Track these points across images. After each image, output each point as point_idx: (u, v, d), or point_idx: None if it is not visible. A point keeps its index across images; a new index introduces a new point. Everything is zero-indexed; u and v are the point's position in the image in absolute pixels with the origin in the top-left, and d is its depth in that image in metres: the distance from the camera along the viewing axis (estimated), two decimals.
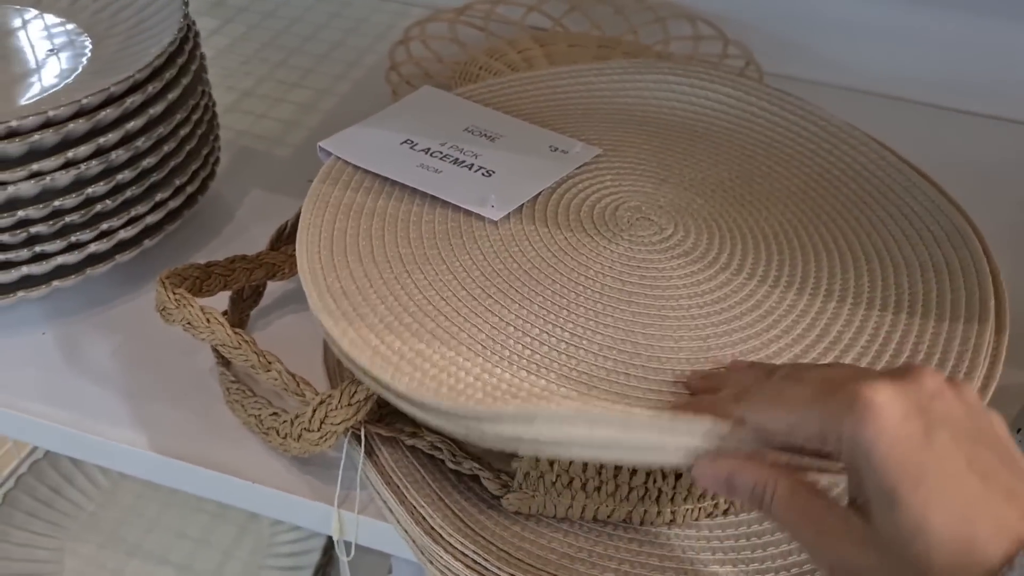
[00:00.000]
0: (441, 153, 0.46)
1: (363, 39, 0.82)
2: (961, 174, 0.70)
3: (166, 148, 0.53)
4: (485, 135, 0.48)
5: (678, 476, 0.40)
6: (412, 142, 0.47)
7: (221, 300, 0.51)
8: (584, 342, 0.39)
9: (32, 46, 0.57)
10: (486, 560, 0.39)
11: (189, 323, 0.43)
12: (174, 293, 0.43)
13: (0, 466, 0.86)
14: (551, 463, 0.40)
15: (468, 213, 0.45)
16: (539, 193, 0.46)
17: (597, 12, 0.83)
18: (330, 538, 0.45)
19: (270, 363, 0.42)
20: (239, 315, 0.51)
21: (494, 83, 0.54)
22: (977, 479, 0.29)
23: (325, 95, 0.74)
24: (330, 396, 0.41)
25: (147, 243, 0.54)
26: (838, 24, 0.78)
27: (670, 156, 0.50)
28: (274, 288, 0.54)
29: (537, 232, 0.44)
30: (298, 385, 0.42)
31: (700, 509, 0.42)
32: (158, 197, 0.53)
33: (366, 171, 0.46)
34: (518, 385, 0.36)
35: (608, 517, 0.41)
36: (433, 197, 0.45)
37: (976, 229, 0.46)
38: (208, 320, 0.42)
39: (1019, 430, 0.45)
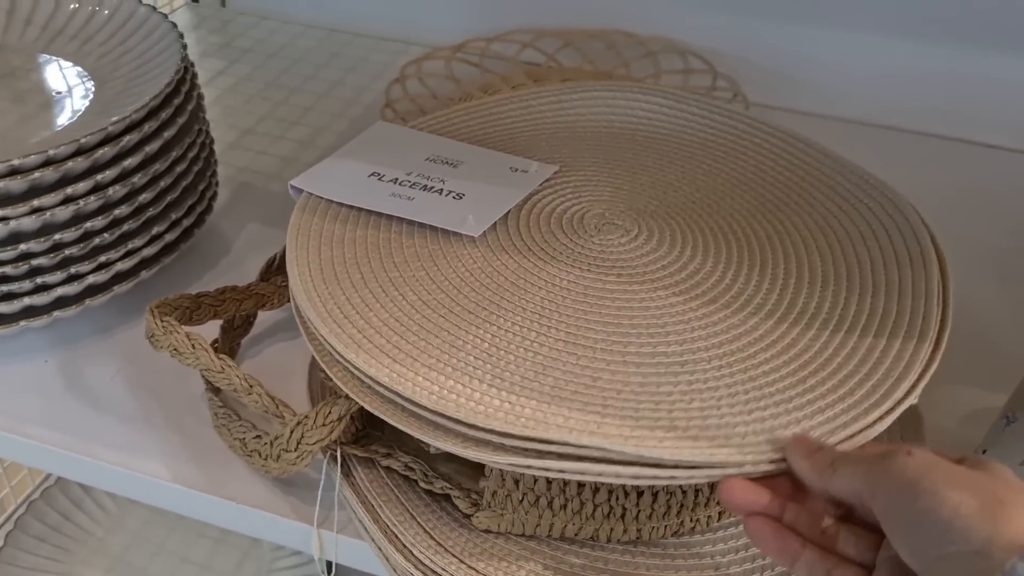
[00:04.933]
0: (410, 182, 0.49)
1: (362, 78, 0.85)
2: (947, 199, 0.72)
3: (162, 184, 0.55)
4: (447, 162, 0.50)
5: (640, 494, 0.41)
6: (379, 174, 0.49)
7: (213, 329, 0.53)
8: (578, 347, 0.41)
9: (43, 89, 0.61)
10: None
11: (175, 349, 0.45)
12: (162, 321, 0.46)
13: (16, 493, 0.88)
14: (516, 481, 0.41)
15: (447, 234, 0.47)
16: (508, 211, 0.48)
17: (590, 47, 0.85)
18: (330, 562, 0.47)
19: (251, 386, 0.44)
20: (230, 343, 0.54)
21: (441, 114, 0.56)
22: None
23: (323, 132, 0.77)
24: (306, 417, 0.42)
25: (144, 274, 0.56)
26: (823, 56, 0.80)
27: (619, 165, 0.53)
28: (265, 317, 0.57)
29: (514, 245, 0.46)
30: (277, 407, 0.44)
31: (665, 527, 0.43)
32: (154, 231, 0.55)
33: (341, 204, 0.48)
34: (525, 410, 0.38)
35: (575, 535, 0.43)
36: (410, 222, 0.47)
37: (925, 223, 0.48)
38: (193, 346, 0.45)
39: (984, 451, 0.46)
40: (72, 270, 0.52)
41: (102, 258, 0.53)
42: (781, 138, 0.55)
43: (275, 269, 0.55)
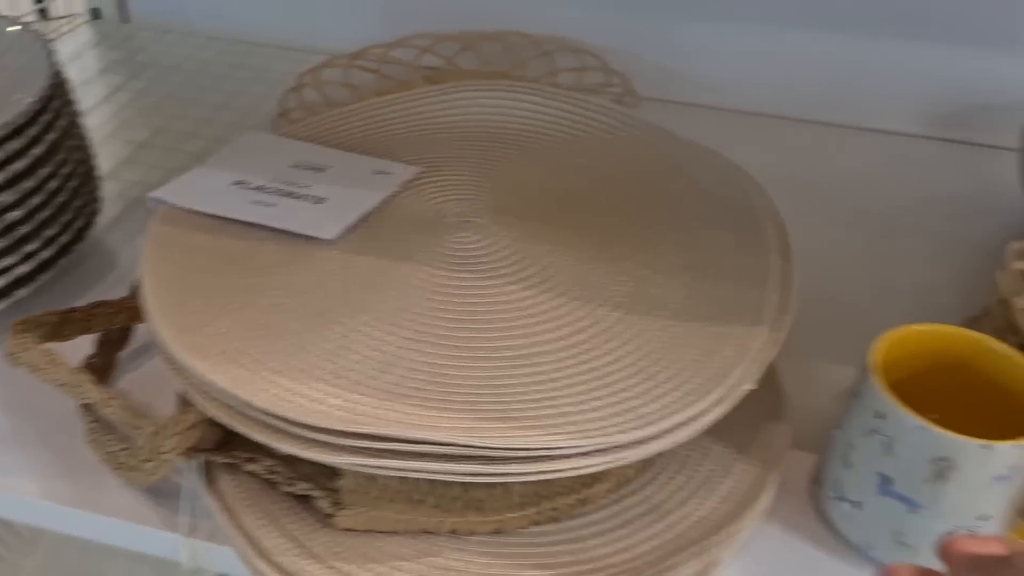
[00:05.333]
0: (273, 188, 0.49)
1: (263, 87, 0.85)
2: (831, 183, 0.74)
3: (34, 201, 0.55)
4: (313, 168, 0.51)
5: (493, 486, 0.42)
6: (243, 182, 0.50)
7: (87, 345, 0.53)
8: (425, 344, 0.42)
9: None
10: None
11: (32, 366, 0.45)
12: (19, 337, 0.46)
13: None
14: (371, 479, 0.42)
15: (305, 239, 0.47)
16: (369, 214, 0.49)
17: (488, 49, 0.86)
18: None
19: (110, 399, 0.44)
20: (106, 358, 0.54)
21: (314, 120, 0.57)
22: None
23: (219, 144, 0.76)
24: (162, 426, 0.43)
25: (20, 293, 0.56)
26: (711, 48, 0.82)
27: (485, 164, 0.54)
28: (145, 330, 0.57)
29: (370, 246, 0.47)
30: (134, 418, 0.44)
31: (525, 517, 0.44)
32: (27, 249, 0.55)
33: (203, 214, 0.49)
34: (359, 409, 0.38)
35: (436, 529, 0.43)
36: (271, 229, 0.48)
37: (775, 211, 0.50)
38: (49, 363, 0.45)
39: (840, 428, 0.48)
40: None
41: None
42: (648, 132, 0.56)
43: None
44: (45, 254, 0.56)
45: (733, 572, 0.46)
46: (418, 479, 0.42)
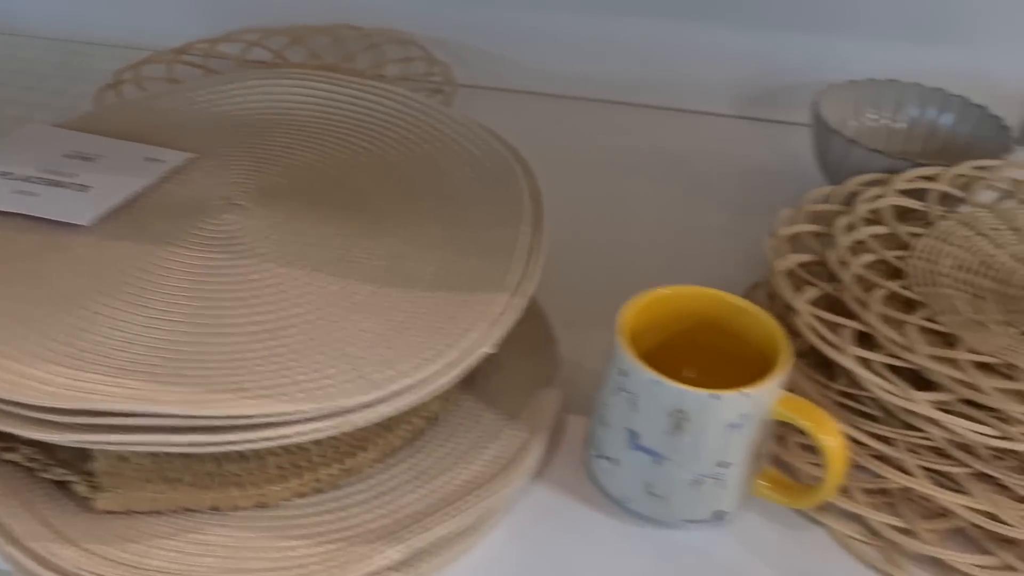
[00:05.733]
0: (39, 178, 0.49)
1: (85, 86, 0.83)
2: (641, 161, 0.77)
3: None
4: (83, 157, 0.51)
5: (245, 458, 0.43)
6: (8, 173, 0.50)
7: None
8: (168, 322, 0.42)
9: None
10: (78, 564, 0.41)
11: None
12: None
13: None
14: (123, 459, 0.42)
15: (64, 226, 0.47)
16: (134, 200, 0.49)
17: (317, 42, 0.86)
18: None
19: None
20: None
21: (94, 113, 0.57)
22: None
23: None
24: None
25: None
26: (535, 36, 0.84)
27: (261, 150, 0.54)
28: None
29: (128, 231, 0.47)
30: None
31: (288, 489, 0.44)
32: None
33: None
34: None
35: (197, 506, 0.44)
36: (29, 217, 0.48)
37: (534, 184, 0.51)
38: None
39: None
40: None
41: None
42: (430, 114, 0.57)
43: None
44: None
45: (503, 531, 0.47)
46: (171, 457, 0.42)
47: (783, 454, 0.50)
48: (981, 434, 0.44)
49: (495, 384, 0.52)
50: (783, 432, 0.50)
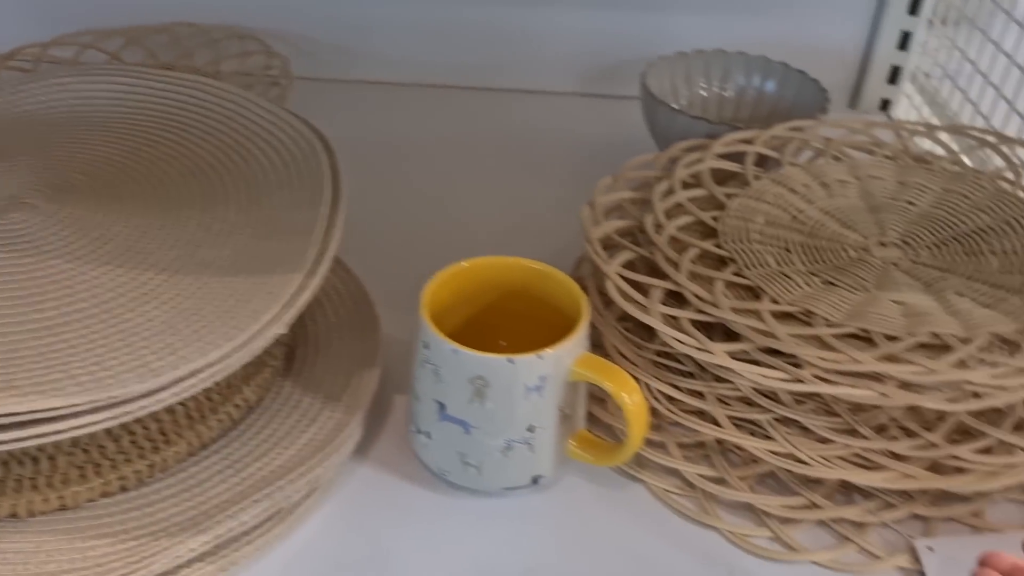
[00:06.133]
0: None
1: None
2: (484, 143, 0.77)
3: None
4: None
5: (35, 461, 0.42)
6: None
7: None
8: None
9: None
10: None
11: None
12: None
13: None
14: None
15: None
16: None
17: (154, 42, 0.84)
18: None
19: None
20: None
21: None
22: None
23: None
24: None
25: None
26: (381, 26, 0.84)
27: (59, 148, 0.53)
28: None
29: None
30: None
31: (91, 490, 0.43)
32: None
33: None
34: None
35: None
36: None
37: (336, 167, 0.51)
38: None
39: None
40: None
41: None
42: (241, 104, 0.56)
43: None
44: None
45: (324, 513, 0.47)
46: None
47: (603, 416, 0.51)
48: (773, 379, 0.46)
49: (318, 368, 0.51)
50: (603, 394, 0.51)
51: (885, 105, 0.85)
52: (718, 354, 0.47)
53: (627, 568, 0.45)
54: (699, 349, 0.47)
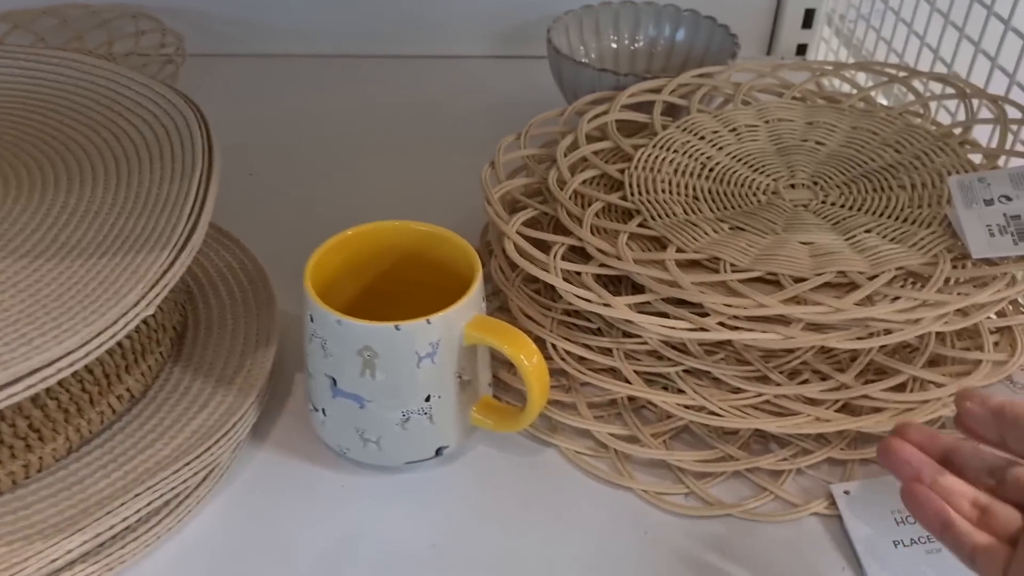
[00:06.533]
0: None
1: None
2: (416, 113, 0.75)
3: None
4: None
5: None
6: None
7: None
8: None
9: None
10: None
11: None
12: None
13: None
14: None
15: None
16: None
17: (42, 25, 0.81)
18: None
19: None
20: None
21: None
22: None
23: None
24: None
25: None
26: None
27: None
28: None
29: None
30: None
31: None
32: None
33: None
34: None
35: None
36: None
37: (210, 139, 0.48)
38: None
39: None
40: None
41: None
42: (113, 79, 0.53)
43: None
44: None
45: (222, 501, 0.45)
46: None
47: (512, 381, 0.49)
48: (677, 329, 0.44)
49: (210, 351, 0.49)
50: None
51: (802, 50, 0.84)
52: (618, 307, 0.45)
53: (539, 536, 0.43)
54: (601, 304, 0.45)
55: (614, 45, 0.74)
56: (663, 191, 0.54)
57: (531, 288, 0.53)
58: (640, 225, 0.51)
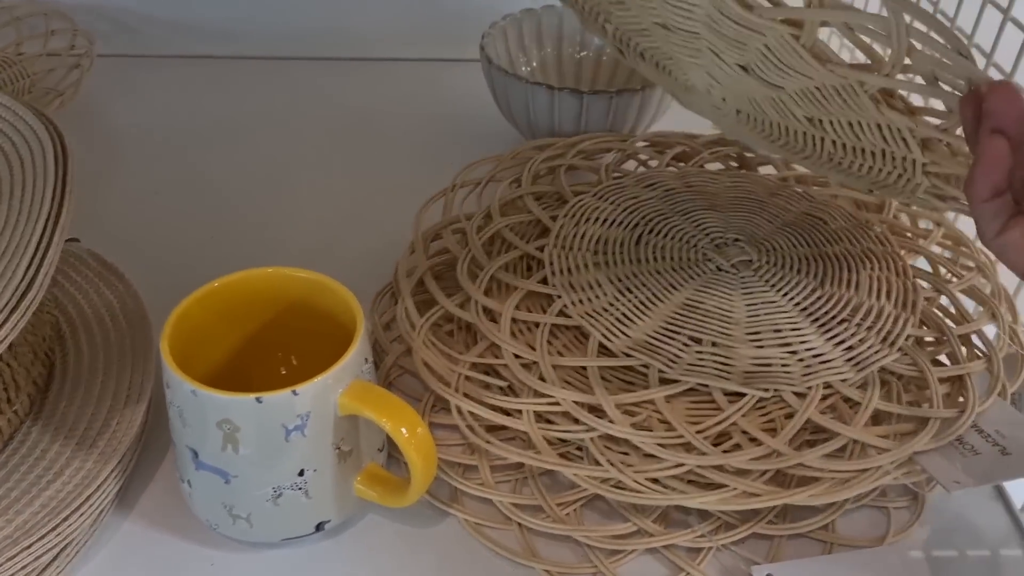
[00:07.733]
0: None
1: None
2: (345, 119, 0.69)
3: None
4: None
5: None
6: None
7: None
8: None
9: None
10: None
11: None
12: None
13: None
14: None
15: None
16: None
17: None
18: None
19: None
20: None
21: None
22: None
23: None
24: None
25: None
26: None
27: None
28: None
29: None
30: None
31: None
32: None
33: None
34: None
35: None
36: None
37: (57, 133, 0.44)
38: None
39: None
40: None
41: None
42: None
43: None
44: None
45: None
46: None
47: None
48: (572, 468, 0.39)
49: (74, 408, 0.44)
50: None
51: None
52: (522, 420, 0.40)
53: None
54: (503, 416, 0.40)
55: (556, 54, 0.68)
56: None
57: (445, 329, 0.48)
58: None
